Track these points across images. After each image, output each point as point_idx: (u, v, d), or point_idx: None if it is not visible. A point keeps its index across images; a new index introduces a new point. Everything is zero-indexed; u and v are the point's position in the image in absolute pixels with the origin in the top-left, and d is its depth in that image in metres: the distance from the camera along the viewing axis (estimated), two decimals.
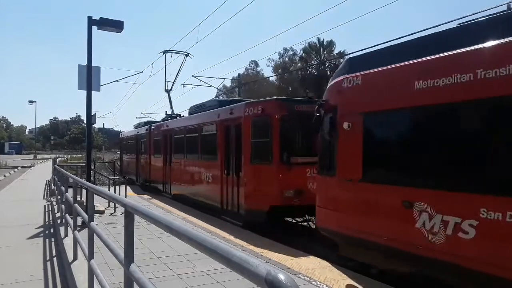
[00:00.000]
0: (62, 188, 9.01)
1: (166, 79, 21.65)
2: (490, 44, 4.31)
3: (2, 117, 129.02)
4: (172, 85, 21.30)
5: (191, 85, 26.62)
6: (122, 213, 3.01)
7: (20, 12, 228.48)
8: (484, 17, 4.82)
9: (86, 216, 4.66)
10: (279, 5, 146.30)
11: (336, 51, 61.22)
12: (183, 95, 79.29)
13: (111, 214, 10.83)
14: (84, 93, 9.47)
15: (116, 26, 9.36)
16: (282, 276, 1.15)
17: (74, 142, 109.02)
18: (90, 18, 9.22)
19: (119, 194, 11.08)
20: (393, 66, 5.32)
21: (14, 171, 31.96)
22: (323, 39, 60.19)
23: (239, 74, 39.30)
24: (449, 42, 4.77)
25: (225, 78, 38.05)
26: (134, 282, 2.63)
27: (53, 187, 13.97)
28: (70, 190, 7.46)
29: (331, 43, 61.33)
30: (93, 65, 9.44)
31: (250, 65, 70.04)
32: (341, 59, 57.67)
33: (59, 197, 10.00)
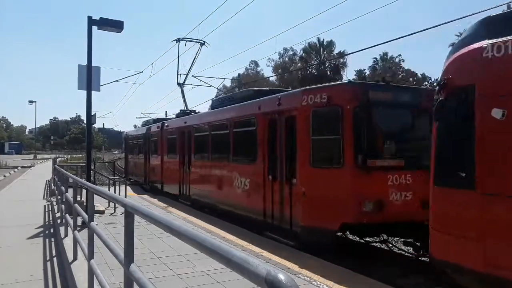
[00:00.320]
0: (62, 188, 9.02)
1: (179, 71, 19.42)
2: None
3: (2, 117, 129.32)
4: (185, 78, 19.31)
5: (191, 85, 26.61)
6: (122, 213, 3.01)
7: (20, 12, 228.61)
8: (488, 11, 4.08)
9: (86, 216, 4.66)
10: (279, 5, 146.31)
11: (336, 51, 61.30)
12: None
13: (111, 214, 10.82)
14: (84, 93, 9.48)
15: (116, 26, 9.37)
16: (282, 276, 1.15)
17: (74, 142, 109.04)
18: (90, 18, 9.23)
19: (119, 194, 11.09)
20: None
21: (14, 171, 31.95)
22: (323, 39, 60.33)
23: (239, 74, 39.40)
24: None
25: (225, 78, 38.06)
26: (134, 282, 2.63)
27: (53, 187, 13.97)
28: (70, 190, 7.46)
29: (331, 43, 61.45)
30: (93, 65, 9.45)
31: (250, 65, 70.18)
32: (341, 59, 57.85)
33: (59, 197, 10.00)
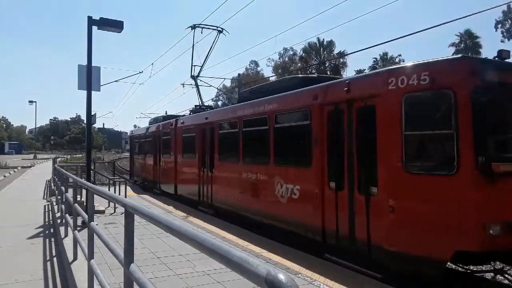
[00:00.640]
0: (62, 188, 9.02)
1: (193, 62, 17.30)
2: None
3: (2, 117, 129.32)
4: (200, 69, 17.37)
5: (191, 85, 26.61)
6: (122, 213, 3.01)
7: (20, 12, 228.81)
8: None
9: (86, 216, 4.66)
10: (279, 5, 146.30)
11: (336, 51, 61.32)
12: (183, 95, 79.30)
13: (111, 214, 10.82)
14: (84, 93, 9.49)
15: (116, 26, 9.37)
16: (282, 276, 1.15)
17: (74, 142, 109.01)
18: (90, 18, 9.23)
19: (119, 194, 11.09)
20: None
21: (14, 171, 31.96)
22: (323, 39, 60.40)
23: (239, 74, 39.33)
24: None
25: (225, 78, 38.02)
26: (134, 282, 2.63)
27: (53, 187, 13.97)
28: (70, 190, 7.47)
29: (331, 43, 61.51)
30: (93, 65, 9.46)
31: (250, 65, 70.31)
32: (341, 59, 57.90)
33: (59, 197, 10.00)
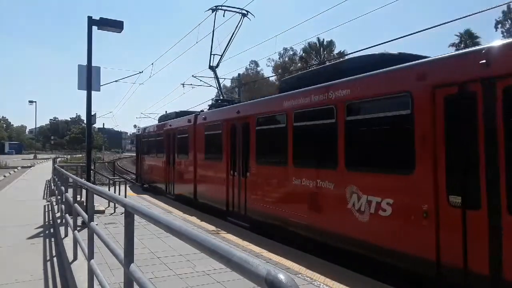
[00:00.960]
0: (62, 188, 9.02)
1: (212, 50, 15.35)
2: None
3: (2, 117, 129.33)
4: (220, 59, 15.59)
5: (191, 85, 26.66)
6: (122, 213, 3.01)
7: (20, 12, 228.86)
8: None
9: (86, 216, 4.66)
10: (279, 5, 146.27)
11: (336, 51, 61.32)
12: (183, 95, 79.30)
13: (111, 214, 10.82)
14: (84, 93, 9.49)
15: (116, 26, 9.37)
16: (282, 276, 1.15)
17: (74, 142, 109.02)
18: (90, 18, 9.23)
19: (119, 194, 11.09)
20: None
21: (14, 171, 31.96)
22: (323, 39, 60.35)
23: (239, 74, 39.33)
24: None
25: (225, 78, 38.07)
26: (134, 282, 2.63)
27: (53, 187, 13.97)
28: (70, 190, 7.47)
29: (331, 43, 61.47)
30: (93, 65, 9.46)
31: (250, 65, 70.26)
32: (341, 59, 57.92)
33: (59, 197, 10.00)
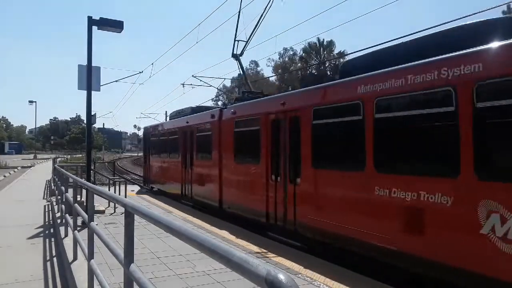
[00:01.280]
0: (62, 188, 9.02)
1: (237, 36, 13.58)
2: None
3: (2, 117, 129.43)
4: (244, 46, 13.90)
5: (191, 85, 26.69)
6: (122, 213, 3.01)
7: (20, 12, 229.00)
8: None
9: (86, 216, 4.66)
10: (279, 5, 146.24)
11: (336, 51, 61.37)
12: (183, 95, 79.30)
13: (111, 214, 10.82)
14: (84, 93, 9.49)
15: (116, 26, 9.37)
16: (282, 276, 1.15)
17: (74, 142, 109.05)
18: (90, 18, 9.23)
19: (119, 194, 11.09)
20: None
21: (14, 171, 31.95)
22: (323, 39, 60.41)
23: (239, 74, 39.39)
24: None
25: (225, 78, 38.06)
26: (134, 282, 2.63)
27: (53, 187, 13.97)
28: (70, 190, 7.47)
29: (331, 43, 61.53)
30: (93, 65, 9.46)
31: (250, 65, 70.34)
32: (341, 59, 57.92)
33: (59, 197, 10.00)
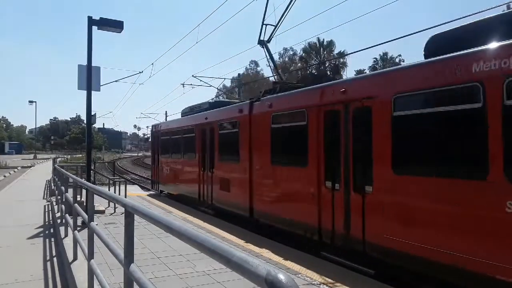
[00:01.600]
0: (62, 188, 9.01)
1: (265, 19, 11.80)
2: None
3: (2, 117, 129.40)
4: (273, 31, 12.02)
5: (191, 85, 26.70)
6: (122, 213, 3.01)
7: (20, 12, 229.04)
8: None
9: (86, 216, 4.66)
10: (279, 5, 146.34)
11: (336, 51, 61.36)
12: (183, 95, 79.33)
13: (111, 214, 10.82)
14: (84, 93, 9.48)
15: (116, 26, 9.36)
16: (282, 276, 1.15)
17: (74, 142, 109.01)
18: (90, 18, 9.23)
19: (119, 194, 11.09)
20: None
21: (14, 171, 31.94)
22: (323, 39, 60.40)
23: (239, 74, 39.43)
24: None
25: (225, 78, 38.10)
26: (134, 282, 2.63)
27: (53, 187, 13.97)
28: (70, 190, 7.46)
29: (331, 43, 61.52)
30: (93, 65, 9.46)
31: (250, 65, 70.41)
32: (341, 59, 57.93)
33: (59, 197, 10.00)
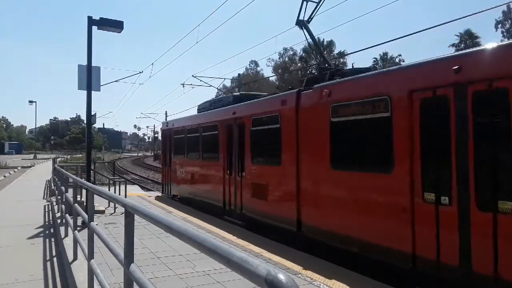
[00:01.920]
0: (62, 188, 9.01)
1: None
2: None
3: (2, 117, 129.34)
4: (314, 10, 10.19)
5: (191, 85, 26.69)
6: (122, 213, 3.01)
7: (20, 12, 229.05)
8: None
9: (86, 216, 4.66)
10: (279, 5, 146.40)
11: (336, 51, 61.32)
12: (183, 95, 79.33)
13: (111, 214, 10.82)
14: (84, 93, 9.49)
15: (116, 26, 9.37)
16: (282, 276, 1.15)
17: (74, 142, 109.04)
18: (90, 18, 9.23)
19: (119, 194, 11.09)
20: None
21: (14, 171, 31.93)
22: (323, 39, 60.30)
23: (239, 74, 39.39)
24: None
25: (225, 78, 38.05)
26: (134, 282, 2.63)
27: (53, 187, 13.96)
28: (70, 190, 7.47)
29: (331, 43, 61.44)
30: (93, 65, 9.46)
31: (250, 65, 70.44)
32: (341, 59, 57.92)
33: (59, 197, 9.99)
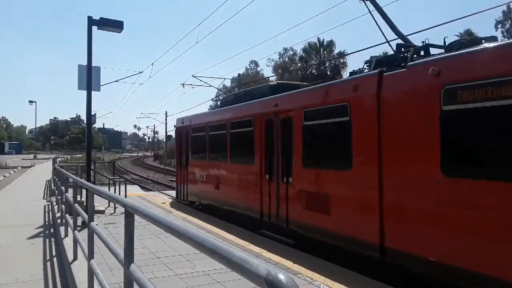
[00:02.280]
0: (62, 188, 9.01)
1: None
2: None
3: (2, 117, 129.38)
4: None
5: (191, 85, 26.69)
6: (122, 213, 3.01)
7: (20, 12, 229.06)
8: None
9: (86, 216, 4.66)
10: (279, 5, 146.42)
11: (336, 51, 61.28)
12: (183, 95, 79.34)
13: (111, 214, 10.82)
14: (84, 93, 9.49)
15: (116, 26, 9.37)
16: (282, 276, 1.15)
17: (74, 142, 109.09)
18: (90, 18, 9.23)
19: (119, 194, 11.09)
20: None
21: (14, 171, 31.93)
22: (323, 39, 60.29)
23: (239, 74, 39.44)
24: None
25: (225, 78, 38.01)
26: (134, 282, 2.63)
27: (53, 187, 13.96)
28: (70, 190, 7.47)
29: (331, 43, 61.39)
30: (93, 65, 9.46)
31: (250, 65, 70.39)
32: (341, 59, 57.88)
33: (59, 197, 10.00)
